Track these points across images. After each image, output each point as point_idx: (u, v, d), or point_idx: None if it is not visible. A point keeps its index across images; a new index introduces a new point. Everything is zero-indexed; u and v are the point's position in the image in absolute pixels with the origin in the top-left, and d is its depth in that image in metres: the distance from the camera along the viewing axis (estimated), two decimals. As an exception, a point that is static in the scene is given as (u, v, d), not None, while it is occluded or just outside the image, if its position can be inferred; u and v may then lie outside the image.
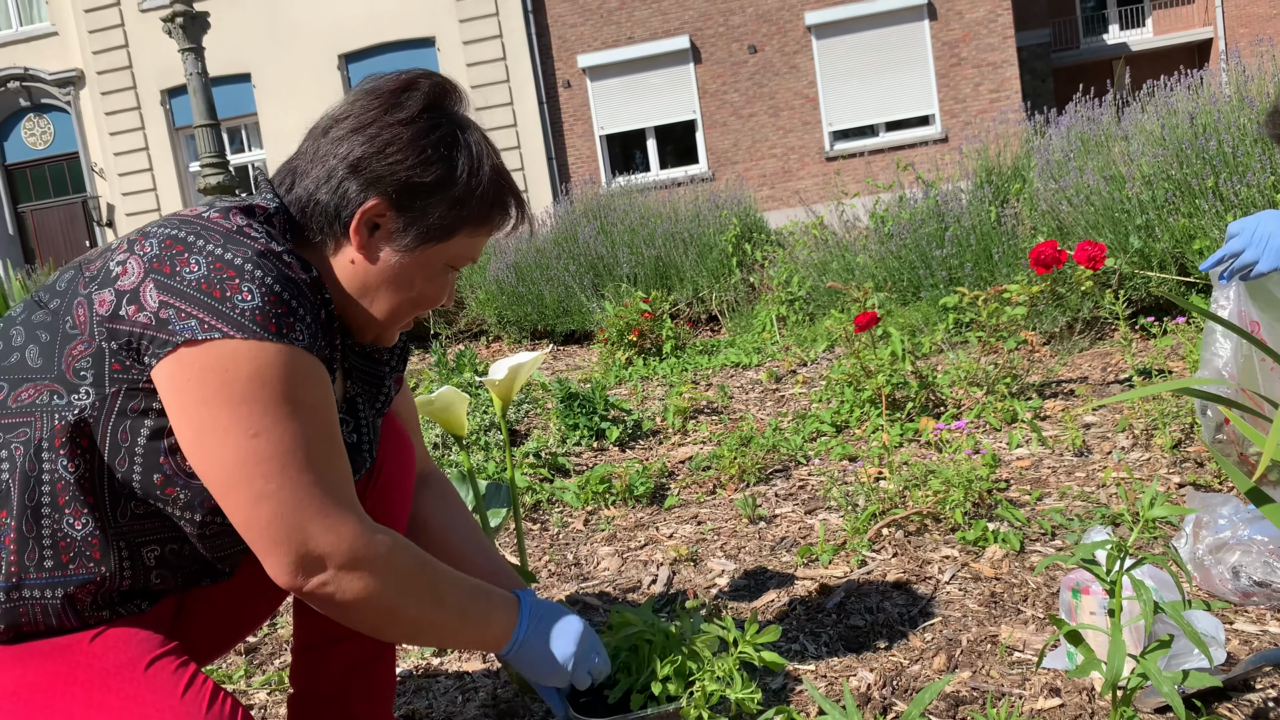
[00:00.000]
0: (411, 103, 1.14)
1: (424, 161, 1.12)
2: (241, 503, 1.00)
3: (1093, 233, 4.26)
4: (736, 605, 2.00)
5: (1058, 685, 1.53)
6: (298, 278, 1.04)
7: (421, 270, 1.16)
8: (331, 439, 1.06)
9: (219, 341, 0.98)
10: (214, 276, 0.99)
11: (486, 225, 1.18)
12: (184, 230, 1.02)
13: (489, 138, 1.20)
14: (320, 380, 1.05)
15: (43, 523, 1.01)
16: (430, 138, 1.13)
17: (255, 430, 0.99)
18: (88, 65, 16.18)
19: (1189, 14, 22.83)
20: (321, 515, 1.02)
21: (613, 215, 6.81)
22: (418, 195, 1.12)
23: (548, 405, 3.93)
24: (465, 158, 1.14)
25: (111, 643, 1.02)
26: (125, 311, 0.99)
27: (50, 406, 1.01)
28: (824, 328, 4.73)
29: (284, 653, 2.06)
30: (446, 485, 1.49)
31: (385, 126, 1.12)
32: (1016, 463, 2.65)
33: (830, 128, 14.64)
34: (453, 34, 15.10)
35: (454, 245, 1.17)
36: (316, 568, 1.03)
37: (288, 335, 1.01)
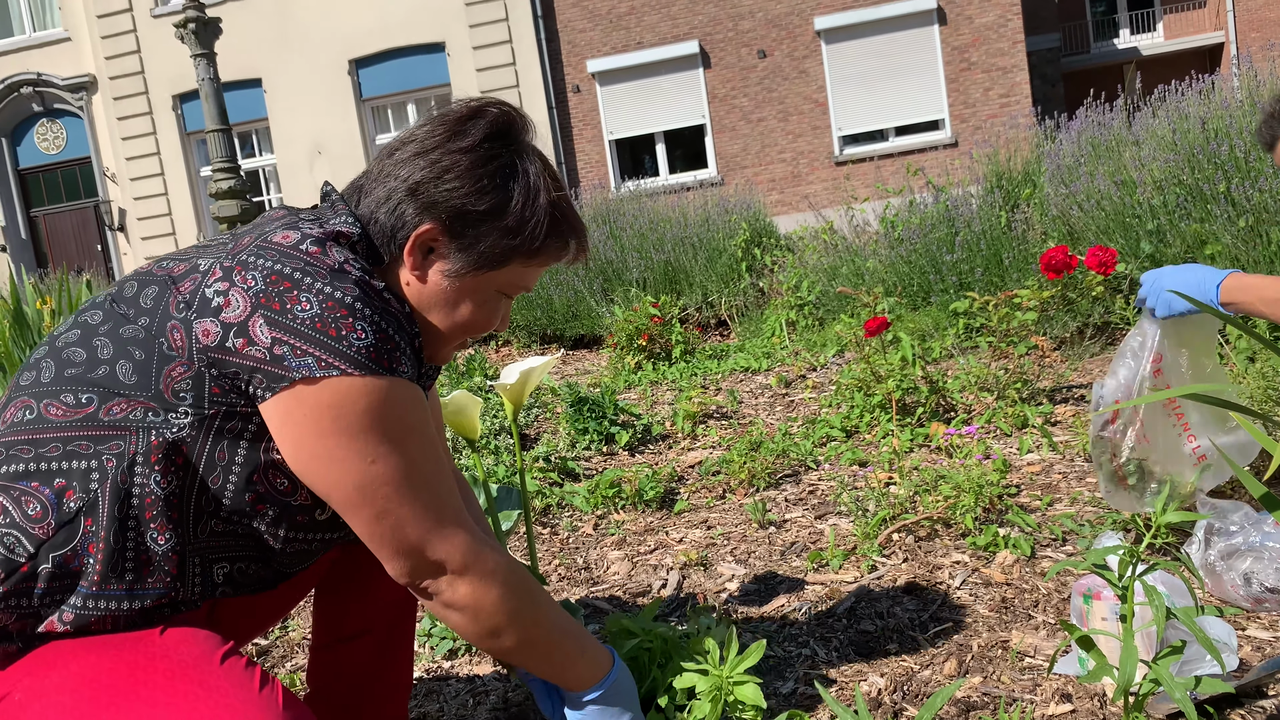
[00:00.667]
0: (474, 131, 1.16)
1: (479, 190, 1.14)
2: (364, 520, 1.08)
3: (1104, 238, 4.25)
4: (746, 610, 2.00)
5: (1069, 691, 1.52)
6: (398, 312, 1.10)
7: (472, 295, 1.19)
8: (437, 458, 1.12)
9: (336, 379, 1.03)
10: (327, 315, 1.03)
11: (540, 256, 1.19)
12: (287, 265, 1.05)
13: (553, 170, 1.22)
14: (422, 405, 1.11)
15: (128, 535, 1.03)
16: (488, 167, 1.15)
17: (372, 458, 1.06)
18: (100, 71, 16.28)
19: (1200, 18, 22.77)
20: (437, 528, 1.10)
21: (622, 220, 6.83)
22: (470, 223, 1.14)
23: (557, 409, 3.93)
24: (521, 188, 1.16)
25: (181, 637, 1.05)
26: (234, 344, 1.02)
27: (145, 423, 1.04)
28: (834, 332, 4.72)
29: (295, 655, 2.06)
30: (465, 487, 1.50)
31: (446, 153, 1.14)
32: (1027, 468, 2.64)
33: (840, 132, 14.64)
34: (462, 39, 15.15)
35: (506, 274, 1.19)
36: (433, 573, 1.11)
37: (395, 369, 1.07)
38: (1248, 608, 1.69)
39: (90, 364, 1.06)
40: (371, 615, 1.40)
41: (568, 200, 1.22)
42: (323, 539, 1.18)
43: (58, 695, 0.98)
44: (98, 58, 16.23)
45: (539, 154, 1.21)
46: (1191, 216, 3.96)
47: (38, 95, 16.79)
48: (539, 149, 1.22)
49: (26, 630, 1.02)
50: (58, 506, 1.01)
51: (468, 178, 1.13)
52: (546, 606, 1.20)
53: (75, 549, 1.01)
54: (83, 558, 1.02)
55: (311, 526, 1.16)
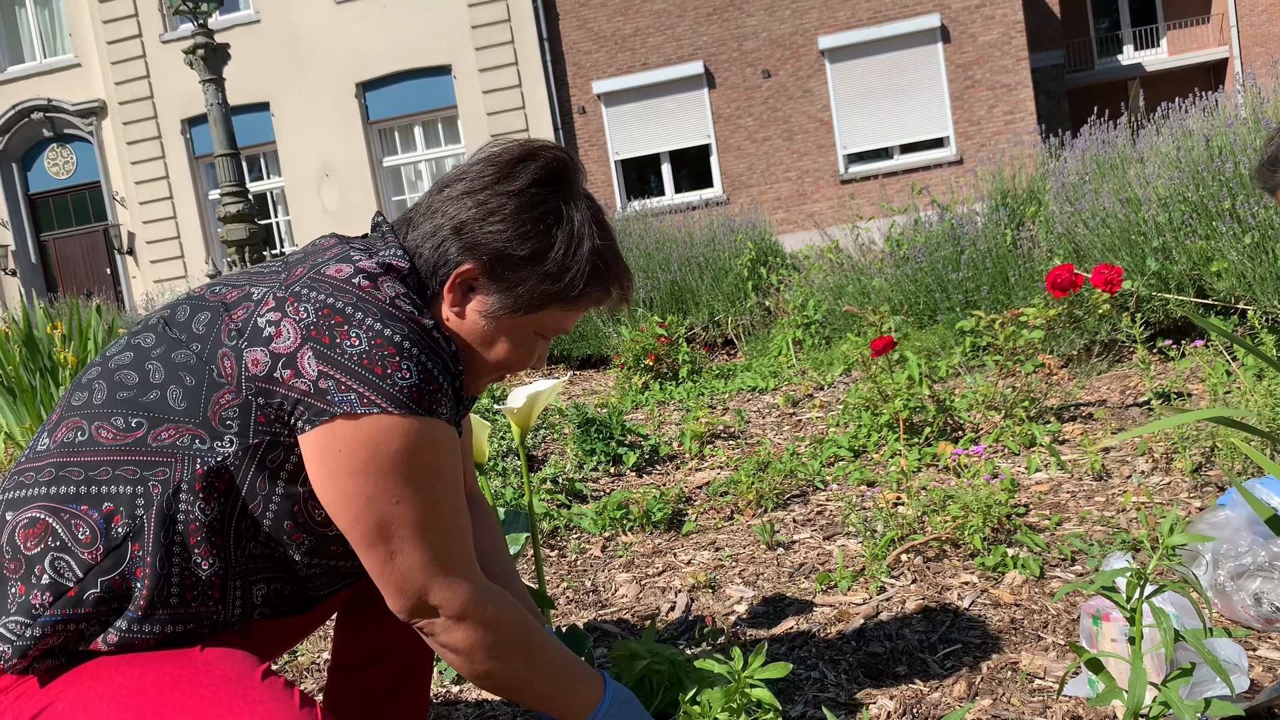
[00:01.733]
0: (524, 175, 1.16)
1: (522, 235, 1.14)
2: (377, 558, 1.09)
3: (1109, 255, 4.25)
4: (755, 632, 2.00)
5: (1079, 713, 1.52)
6: (445, 352, 1.10)
7: (509, 335, 1.19)
8: (458, 505, 1.13)
9: (375, 416, 1.04)
10: (375, 353, 1.04)
11: (580, 303, 1.20)
12: (340, 300, 1.06)
13: (602, 216, 1.22)
14: (455, 448, 1.12)
15: (174, 561, 1.05)
16: (533, 211, 1.15)
17: (398, 499, 1.07)
18: (110, 96, 16.42)
19: (1204, 34, 22.81)
20: (443, 575, 1.11)
21: (628, 240, 6.85)
22: (511, 266, 1.15)
23: (565, 431, 3.94)
24: (565, 235, 1.16)
25: (222, 654, 1.07)
26: (281, 375, 1.04)
27: (191, 450, 1.05)
28: (840, 351, 4.73)
29: (304, 680, 2.07)
30: (487, 512, 1.52)
31: (494, 194, 1.15)
32: (1035, 487, 2.64)
33: (844, 151, 14.68)
34: (469, 62, 15.25)
35: (543, 317, 1.19)
36: (429, 614, 1.12)
37: (435, 410, 1.08)
38: (1258, 628, 1.69)
39: (142, 388, 1.07)
40: (393, 640, 1.40)
41: (614, 248, 1.22)
42: (354, 565, 1.20)
43: (102, 705, 1.00)
44: (107, 83, 16.37)
45: (589, 200, 1.21)
46: (1197, 233, 3.96)
47: (48, 120, 16.94)
48: (589, 194, 1.23)
49: (70, 647, 1.04)
50: (106, 532, 1.03)
51: (512, 221, 1.14)
52: (541, 648, 1.21)
53: (123, 573, 1.03)
54: (130, 582, 1.03)
55: (346, 555, 1.18)
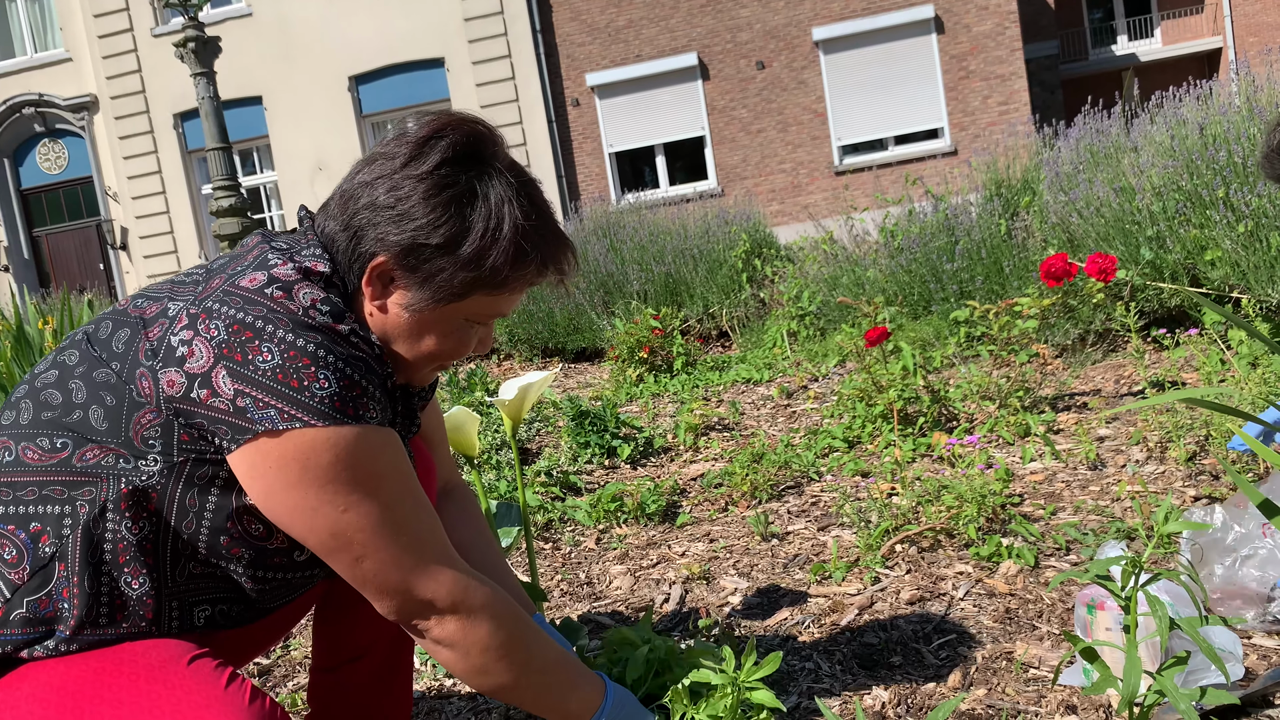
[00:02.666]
0: (433, 154, 1.10)
1: (433, 222, 1.08)
2: (344, 564, 1.07)
3: (1103, 245, 4.24)
4: (749, 624, 1.99)
5: (1074, 703, 1.51)
6: (366, 356, 1.07)
7: (435, 327, 1.14)
8: (415, 497, 1.10)
9: (298, 431, 1.00)
10: (289, 366, 1.00)
11: (508, 287, 1.13)
12: (249, 313, 1.02)
13: (531, 190, 1.14)
14: (395, 448, 1.09)
15: (101, 580, 1.03)
16: (442, 195, 1.09)
17: (344, 506, 1.04)
18: (101, 90, 16.35)
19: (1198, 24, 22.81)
20: (420, 567, 1.08)
21: (622, 232, 6.83)
22: (425, 256, 1.09)
23: (559, 423, 3.93)
24: (482, 217, 1.10)
25: (151, 645, 1.05)
26: (198, 395, 1.01)
27: (116, 470, 1.03)
28: (835, 343, 4.72)
29: (297, 674, 2.06)
30: (470, 502, 1.50)
31: (404, 178, 1.09)
32: (1030, 477, 2.63)
33: (839, 142, 14.66)
34: (462, 55, 15.20)
35: (470, 304, 1.14)
36: (421, 611, 1.10)
37: (362, 416, 1.04)
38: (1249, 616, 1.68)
39: (65, 408, 1.05)
40: (371, 637, 1.39)
41: (544, 224, 1.14)
42: (305, 576, 1.17)
43: (28, 705, 0.99)
44: (99, 78, 16.30)
45: (513, 173, 1.14)
46: (1191, 222, 3.96)
47: (39, 115, 16.86)
48: (516, 166, 1.15)
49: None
50: (33, 552, 1.01)
51: (422, 207, 1.08)
52: (537, 643, 1.18)
53: (50, 594, 1.01)
54: (58, 603, 1.02)
55: (290, 567, 1.15)
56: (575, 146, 15.30)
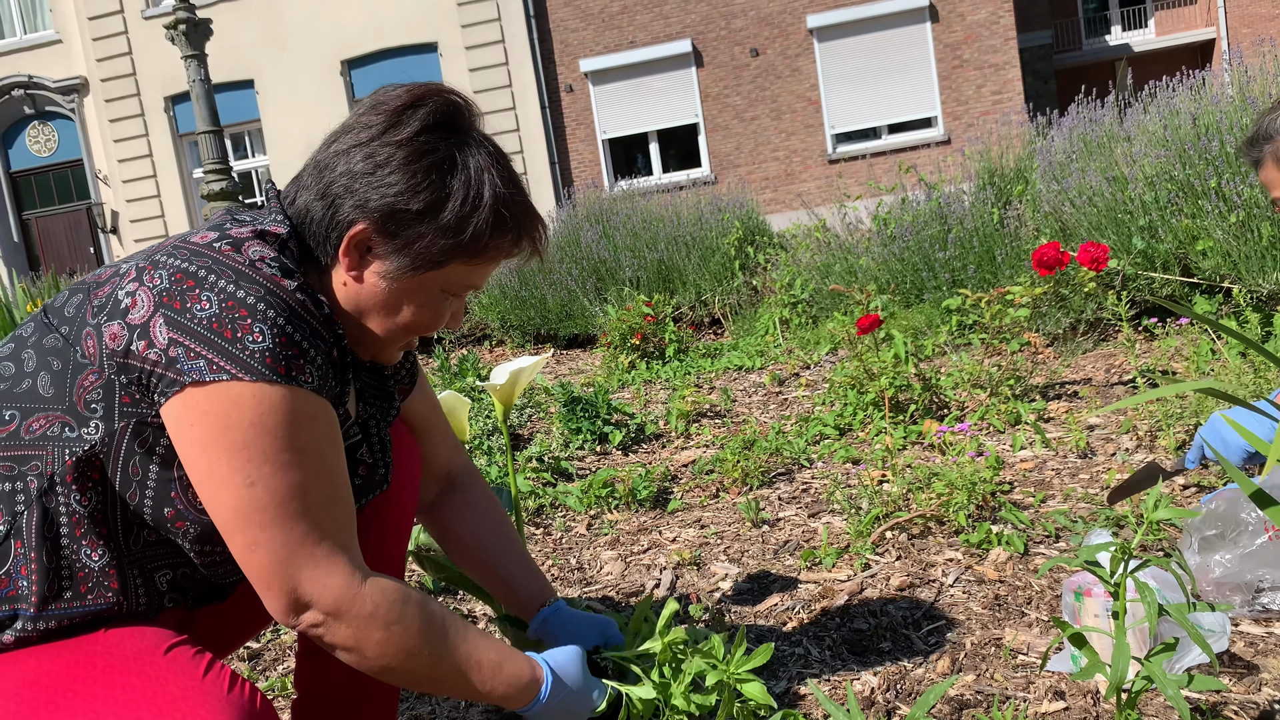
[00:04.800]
0: (413, 121, 1.09)
1: (413, 188, 1.07)
2: (239, 548, 1.01)
3: (1096, 234, 4.25)
4: (739, 609, 2.00)
5: (1062, 688, 1.52)
6: (310, 316, 1.03)
7: (413, 296, 1.12)
8: (331, 483, 1.04)
9: (225, 384, 0.96)
10: (225, 315, 0.97)
11: (485, 255, 1.12)
12: (194, 263, 1.00)
13: (505, 161, 1.14)
14: (325, 423, 1.04)
15: (61, 554, 1.01)
16: (423, 162, 1.07)
17: (252, 479, 0.98)
18: (91, 73, 16.23)
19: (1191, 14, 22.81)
20: (311, 565, 1.01)
21: (615, 219, 6.82)
22: (405, 223, 1.07)
23: (550, 409, 3.92)
24: (462, 184, 1.09)
25: (126, 634, 1.03)
26: (136, 347, 0.98)
27: (61, 439, 1.00)
28: (827, 330, 4.73)
29: (287, 659, 2.06)
30: (479, 491, 1.47)
31: (382, 145, 1.08)
32: (1020, 465, 2.64)
33: (832, 130, 14.64)
34: (455, 39, 15.12)
35: (448, 273, 1.12)
36: (306, 611, 1.03)
37: (296, 378, 1.00)
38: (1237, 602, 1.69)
39: (16, 378, 1.03)
40: None
41: (520, 196, 1.14)
42: None
43: (0, 701, 0.97)
44: (89, 60, 16.18)
45: (489, 145, 1.14)
46: (1183, 212, 3.96)
47: (29, 98, 16.74)
48: (490, 139, 1.15)
49: None
50: None
51: (402, 174, 1.07)
52: (454, 644, 1.11)
53: (8, 572, 0.99)
54: (17, 581, 1.00)
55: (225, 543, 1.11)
56: (569, 133, 15.25)
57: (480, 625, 2.09)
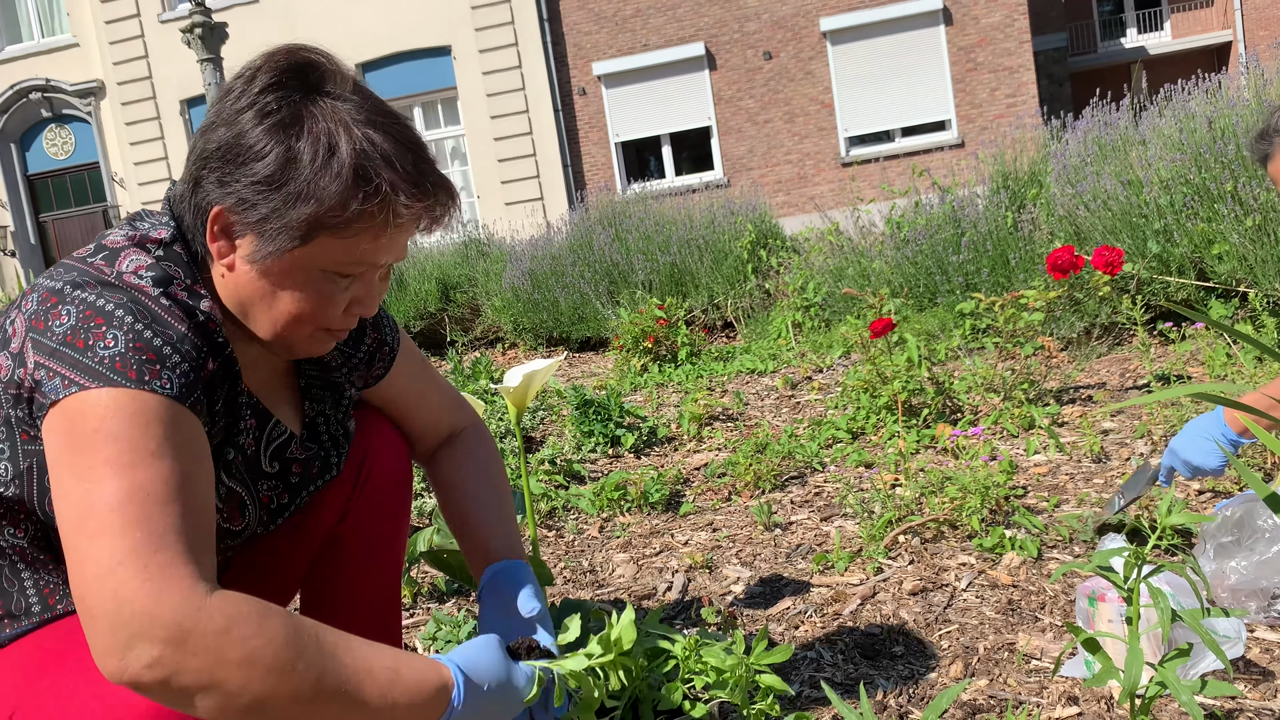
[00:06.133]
0: (258, 80, 0.98)
1: (257, 153, 0.96)
2: (71, 568, 0.87)
3: (1110, 238, 4.23)
4: (752, 613, 2.00)
5: (1075, 694, 1.52)
6: (177, 323, 0.96)
7: (288, 281, 1.01)
8: (184, 491, 0.91)
9: (75, 396, 0.90)
10: (81, 325, 0.91)
11: (358, 224, 0.97)
12: (62, 280, 0.96)
13: (378, 117, 1.00)
14: (183, 430, 0.93)
15: (22, 576, 1.03)
16: (264, 124, 0.96)
17: (89, 485, 0.87)
18: (108, 76, 16.35)
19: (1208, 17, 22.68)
20: (142, 577, 0.84)
21: (628, 222, 6.83)
22: (256, 194, 0.96)
23: (563, 412, 3.93)
24: (311, 140, 0.96)
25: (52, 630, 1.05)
26: (17, 375, 0.93)
27: None
28: (840, 334, 4.72)
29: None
30: (477, 438, 1.41)
31: (231, 115, 0.98)
32: (1034, 469, 2.63)
33: (846, 133, 14.63)
34: (469, 43, 15.17)
35: (319, 250, 0.99)
36: (138, 646, 0.83)
37: (149, 382, 0.91)
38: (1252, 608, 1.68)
39: None
40: (353, 618, 1.38)
41: (394, 149, 0.98)
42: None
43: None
44: (105, 63, 16.30)
45: (357, 99, 1.00)
46: (1198, 216, 3.94)
47: (46, 101, 16.87)
48: (364, 94, 1.01)
49: None
50: None
51: (246, 139, 0.96)
52: (321, 650, 0.90)
53: None
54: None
55: None
56: (581, 136, 15.28)
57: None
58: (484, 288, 7.31)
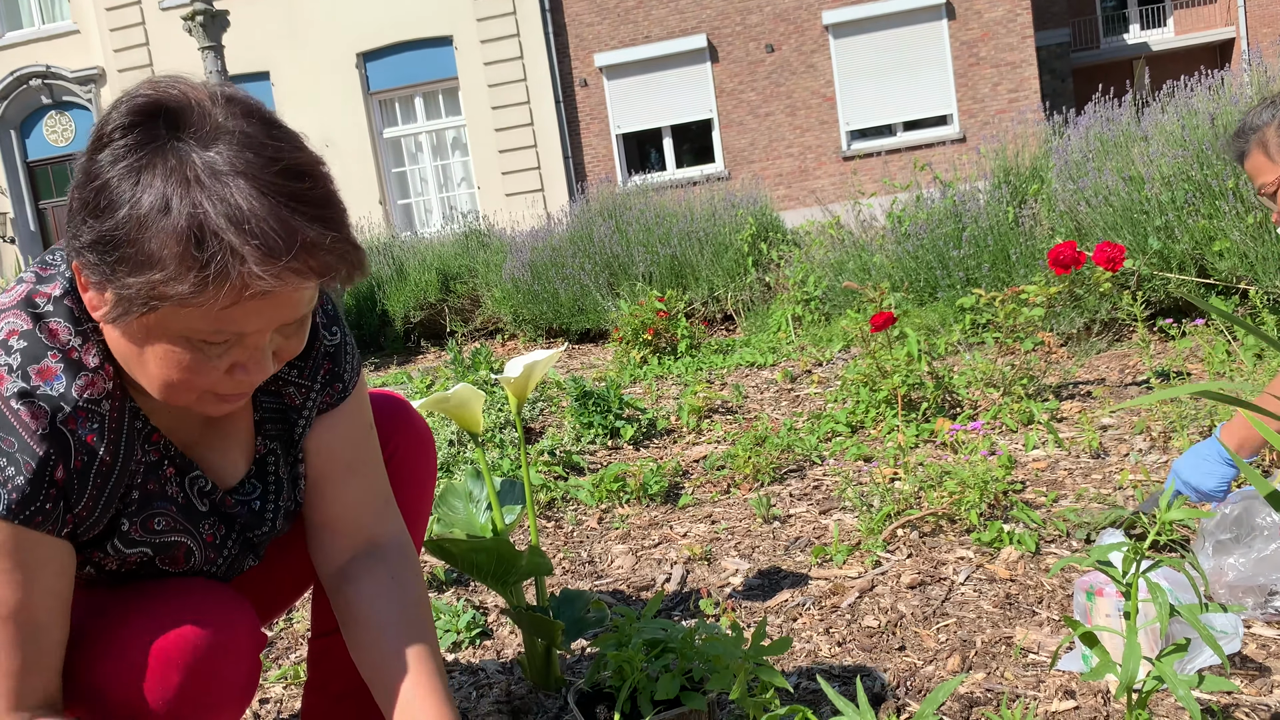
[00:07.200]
0: (111, 121, 0.86)
1: (99, 207, 0.84)
2: None
3: (1111, 234, 4.23)
4: (750, 605, 2.00)
5: (1072, 688, 1.52)
6: (22, 430, 0.89)
7: (148, 345, 0.90)
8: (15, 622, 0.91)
9: None
10: None
11: (202, 296, 0.82)
12: None
13: (258, 158, 0.85)
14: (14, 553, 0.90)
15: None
16: (113, 171, 0.84)
17: None
18: (109, 63, 16.30)
19: (1210, 13, 22.64)
20: None
21: (628, 214, 6.82)
22: (94, 252, 0.85)
23: (563, 404, 3.93)
24: (149, 200, 0.82)
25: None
26: None
27: None
28: (840, 328, 4.72)
29: (300, 647, 2.07)
30: (402, 566, 1.18)
31: (86, 156, 0.87)
32: (1033, 464, 2.63)
33: (847, 127, 14.60)
34: (470, 33, 15.13)
35: (172, 318, 0.86)
36: None
37: None
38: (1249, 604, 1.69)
39: None
40: None
41: (262, 201, 0.82)
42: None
43: None
44: (106, 50, 16.25)
45: (226, 140, 0.85)
46: (1200, 213, 3.94)
47: (46, 87, 16.83)
48: (240, 135, 0.86)
49: None
50: None
51: (92, 185, 0.85)
52: None
53: None
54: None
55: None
56: (582, 127, 15.25)
57: (492, 617, 2.10)
58: (484, 278, 7.30)
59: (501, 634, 2.01)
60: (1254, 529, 1.70)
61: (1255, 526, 1.70)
